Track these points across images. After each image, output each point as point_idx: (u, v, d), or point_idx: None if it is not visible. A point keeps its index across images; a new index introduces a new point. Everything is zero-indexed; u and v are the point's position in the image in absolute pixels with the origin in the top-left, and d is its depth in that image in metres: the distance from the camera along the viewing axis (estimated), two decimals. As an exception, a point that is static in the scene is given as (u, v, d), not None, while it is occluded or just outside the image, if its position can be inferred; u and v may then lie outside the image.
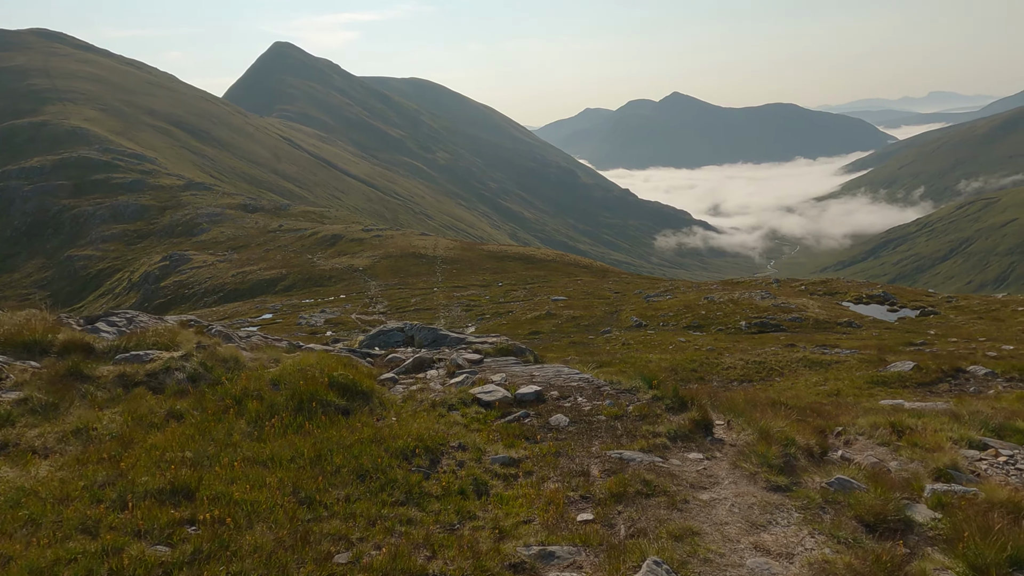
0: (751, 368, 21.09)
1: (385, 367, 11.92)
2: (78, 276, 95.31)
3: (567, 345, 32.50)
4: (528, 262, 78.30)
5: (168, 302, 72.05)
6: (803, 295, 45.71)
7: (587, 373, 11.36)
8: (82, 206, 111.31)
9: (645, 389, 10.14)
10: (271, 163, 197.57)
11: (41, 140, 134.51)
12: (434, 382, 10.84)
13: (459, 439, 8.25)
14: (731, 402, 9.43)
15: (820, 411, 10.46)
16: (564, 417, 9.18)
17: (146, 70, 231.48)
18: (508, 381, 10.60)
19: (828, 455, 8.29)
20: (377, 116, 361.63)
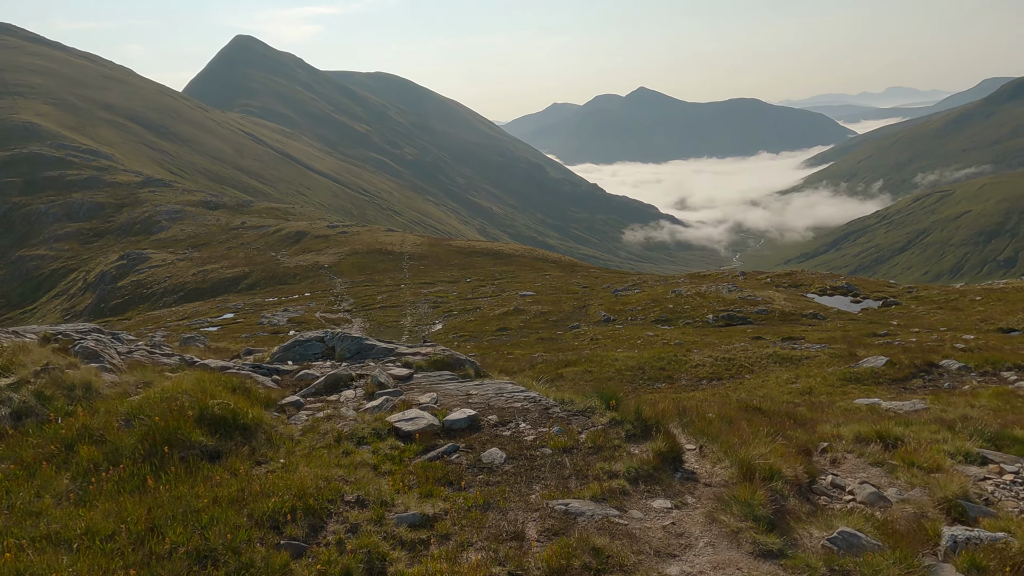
0: (720, 365, 20.62)
1: (293, 387, 10.16)
2: (30, 277, 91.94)
3: (535, 341, 32.18)
4: (497, 258, 77.87)
5: (125, 302, 69.86)
6: (769, 287, 46.14)
7: (534, 391, 9.69)
8: (34, 204, 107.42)
9: (602, 410, 8.66)
10: (233, 159, 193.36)
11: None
12: (347, 406, 9.09)
13: (360, 490, 6.49)
14: (704, 422, 8.22)
15: (798, 417, 9.90)
16: (500, 452, 7.52)
17: (101, 63, 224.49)
18: (438, 403, 9.11)
19: (817, 482, 7.26)
20: (343, 111, 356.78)
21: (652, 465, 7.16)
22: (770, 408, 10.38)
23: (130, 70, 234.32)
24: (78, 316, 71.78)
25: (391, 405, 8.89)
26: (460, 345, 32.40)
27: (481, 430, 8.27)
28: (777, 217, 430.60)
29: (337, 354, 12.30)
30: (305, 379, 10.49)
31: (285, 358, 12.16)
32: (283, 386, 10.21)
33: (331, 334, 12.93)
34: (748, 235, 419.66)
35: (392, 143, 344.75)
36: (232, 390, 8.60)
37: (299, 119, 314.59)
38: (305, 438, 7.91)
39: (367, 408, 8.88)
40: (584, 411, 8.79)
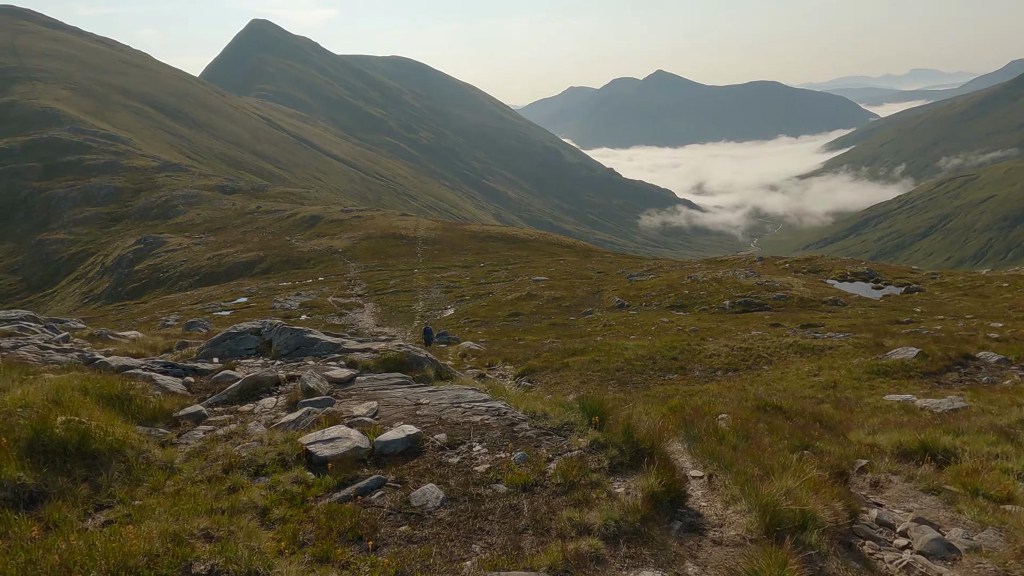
0: (736, 355, 19.49)
1: (204, 392, 8.52)
2: (50, 261, 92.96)
3: (547, 327, 31.77)
4: (511, 242, 77.37)
5: (142, 286, 70.40)
6: (787, 273, 45.28)
7: (500, 400, 7.91)
8: (53, 188, 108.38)
9: (582, 427, 6.79)
10: (250, 143, 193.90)
11: (9, 121, 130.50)
12: (258, 420, 7.36)
13: (223, 553, 4.51)
14: (714, 439, 6.63)
15: (824, 418, 8.96)
16: (438, 490, 5.65)
17: (119, 48, 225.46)
18: (377, 416, 7.40)
19: (860, 520, 5.73)
20: (358, 95, 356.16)
21: (640, 515, 5.22)
22: (792, 407, 9.42)
23: (147, 55, 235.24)
24: (96, 300, 72.51)
25: (312, 420, 7.11)
26: (471, 331, 32.10)
27: (422, 454, 6.45)
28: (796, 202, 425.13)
29: (273, 350, 10.52)
30: (221, 382, 8.76)
31: (212, 354, 10.46)
32: (195, 391, 8.62)
33: (268, 326, 11.08)
34: (766, 220, 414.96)
35: (407, 127, 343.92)
36: (108, 400, 6.93)
37: (315, 103, 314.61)
38: (187, 466, 6.11)
39: (281, 423, 7.13)
40: (559, 429, 6.93)
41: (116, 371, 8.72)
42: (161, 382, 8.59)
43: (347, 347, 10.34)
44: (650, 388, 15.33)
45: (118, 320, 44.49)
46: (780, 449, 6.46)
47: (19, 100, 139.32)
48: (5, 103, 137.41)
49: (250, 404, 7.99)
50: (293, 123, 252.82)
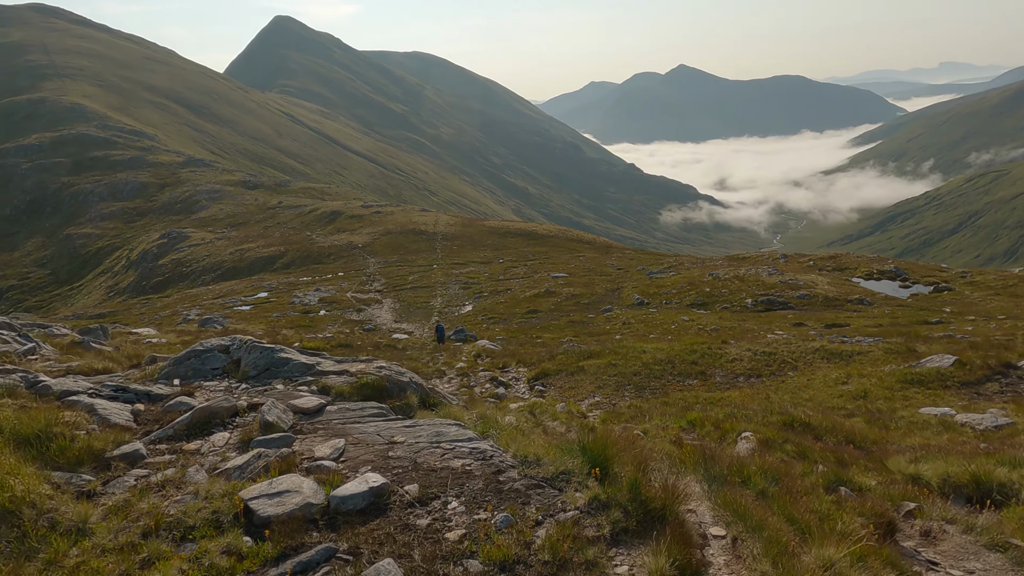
0: (759, 360, 18.68)
1: (151, 424, 7.34)
2: (78, 255, 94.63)
3: (565, 325, 31.51)
4: (530, 238, 77.14)
5: (166, 280, 71.35)
6: (811, 271, 44.48)
7: (487, 441, 6.78)
8: (81, 184, 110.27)
9: (581, 476, 5.78)
10: (272, 139, 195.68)
11: (39, 117, 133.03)
12: (201, 464, 6.21)
13: None
14: (738, 490, 5.59)
15: (858, 438, 8.34)
16: (396, 568, 4.53)
17: (145, 45, 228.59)
18: (343, 458, 6.31)
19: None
20: (380, 91, 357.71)
21: None
22: (821, 424, 8.88)
23: (173, 52, 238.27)
24: (121, 293, 73.65)
25: (262, 465, 5.94)
26: (489, 328, 31.96)
27: (386, 513, 5.30)
28: (820, 198, 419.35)
29: (241, 371, 9.32)
30: (173, 411, 7.56)
31: (174, 375, 9.28)
32: (142, 421, 7.38)
33: (238, 343, 9.85)
34: (789, 216, 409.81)
35: (428, 123, 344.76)
36: (24, 441, 5.93)
37: (337, 99, 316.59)
38: (101, 527, 5.00)
39: (227, 468, 5.94)
40: (554, 479, 5.82)
41: (57, 397, 7.60)
42: (103, 411, 7.23)
43: (322, 368, 9.18)
44: (668, 394, 14.94)
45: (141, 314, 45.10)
46: (813, 487, 5.81)
47: (49, 97, 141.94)
48: (35, 99, 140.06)
49: (198, 441, 6.77)
50: (315, 119, 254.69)
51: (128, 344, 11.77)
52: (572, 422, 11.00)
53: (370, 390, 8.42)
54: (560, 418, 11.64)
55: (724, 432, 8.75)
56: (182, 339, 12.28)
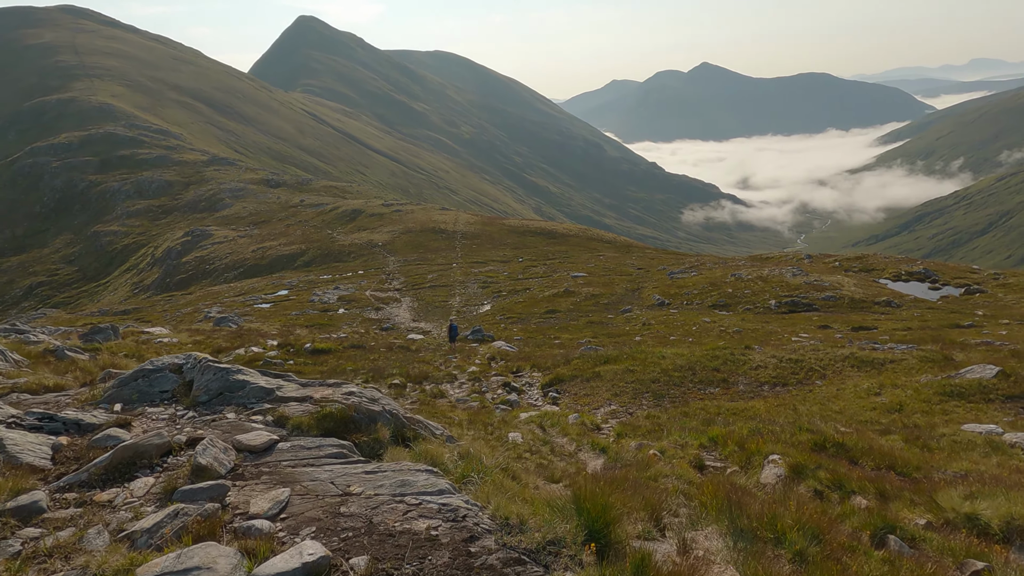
0: (785, 367, 17.84)
1: (70, 463, 6.08)
2: (105, 251, 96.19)
3: (584, 325, 31.14)
4: (550, 237, 76.76)
5: (189, 278, 72.16)
6: (837, 271, 43.56)
7: (460, 495, 5.50)
8: (108, 182, 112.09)
9: (575, 548, 4.64)
10: (295, 138, 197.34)
11: (69, 116, 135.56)
12: (107, 522, 4.99)
13: None
14: (771, 560, 4.65)
15: (898, 463, 7.55)
16: None
17: (172, 46, 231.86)
18: (283, 515, 5.12)
19: None
20: (402, 90, 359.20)
21: None
22: (857, 445, 8.12)
23: (198, 52, 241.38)
24: (146, 290, 74.66)
25: (178, 527, 4.76)
26: (507, 327, 31.71)
27: None
28: (846, 197, 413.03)
29: (193, 394, 8.06)
30: (98, 447, 6.30)
31: (117, 398, 7.95)
32: (61, 459, 6.10)
33: (192, 362, 8.58)
34: (814, 216, 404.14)
35: (450, 122, 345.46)
36: None
37: (359, 98, 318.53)
38: None
39: (133, 531, 4.75)
40: (539, 552, 4.64)
41: None
42: (13, 448, 5.93)
43: (282, 394, 7.99)
44: (688, 404, 14.36)
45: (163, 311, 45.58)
46: (858, 538, 5.01)
47: (78, 97, 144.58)
48: (65, 99, 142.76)
49: (115, 488, 5.47)
50: (337, 118, 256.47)
51: (114, 355, 10.38)
52: (583, 439, 10.52)
53: (333, 422, 7.10)
54: (571, 433, 11.16)
55: (749, 454, 8.13)
56: (194, 339, 12.12)
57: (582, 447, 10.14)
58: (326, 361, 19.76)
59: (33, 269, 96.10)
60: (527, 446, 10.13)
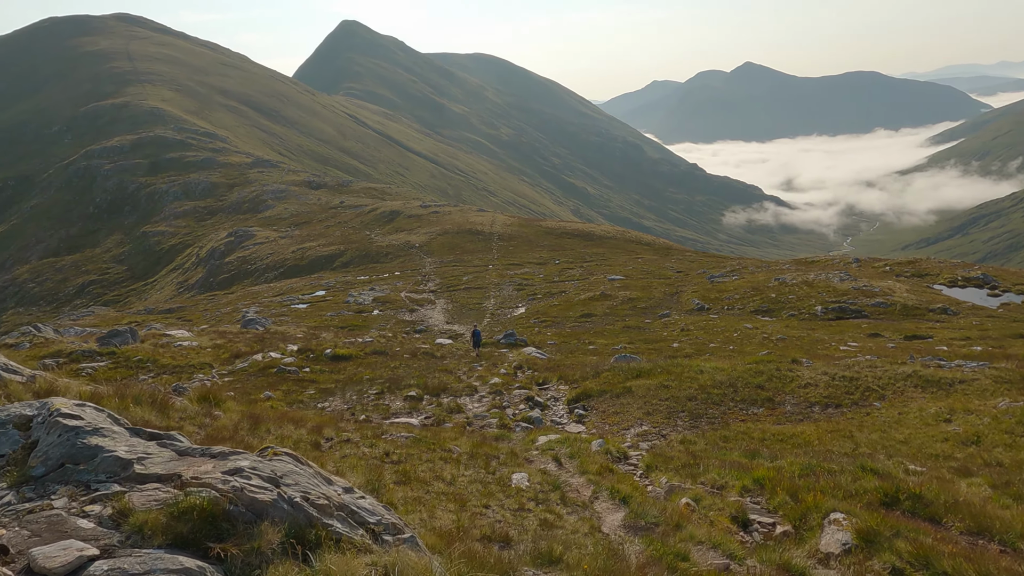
0: (838, 386, 16.01)
1: None
2: (153, 251, 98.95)
3: (620, 330, 30.40)
4: (587, 239, 75.91)
5: (231, 277, 73.57)
6: (887, 276, 41.77)
7: None
8: (157, 184, 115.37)
9: None
10: (337, 140, 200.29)
11: (122, 121, 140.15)
12: None
13: None
14: None
15: (996, 526, 6.04)
16: None
17: (220, 51, 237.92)
18: None
19: None
20: (441, 92, 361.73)
21: None
22: (938, 497, 6.54)
23: (245, 57, 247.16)
24: (190, 289, 76.41)
25: None
26: (540, 331, 31.18)
27: None
28: (895, 199, 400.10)
29: (27, 464, 5.75)
30: None
31: None
32: None
33: (44, 415, 6.30)
34: (861, 218, 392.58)
35: (489, 123, 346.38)
36: None
37: (399, 101, 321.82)
38: None
39: None
40: None
41: None
42: None
43: (143, 469, 5.54)
44: (729, 426, 13.01)
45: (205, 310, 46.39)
46: None
47: (131, 101, 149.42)
48: (119, 104, 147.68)
49: None
50: (378, 120, 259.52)
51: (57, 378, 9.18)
52: (604, 480, 9.01)
53: (193, 523, 4.75)
54: (590, 470, 9.64)
55: (805, 509, 6.71)
56: (215, 342, 11.93)
57: (600, 492, 8.74)
58: (344, 368, 19.28)
59: (86, 268, 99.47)
60: (532, 493, 8.74)
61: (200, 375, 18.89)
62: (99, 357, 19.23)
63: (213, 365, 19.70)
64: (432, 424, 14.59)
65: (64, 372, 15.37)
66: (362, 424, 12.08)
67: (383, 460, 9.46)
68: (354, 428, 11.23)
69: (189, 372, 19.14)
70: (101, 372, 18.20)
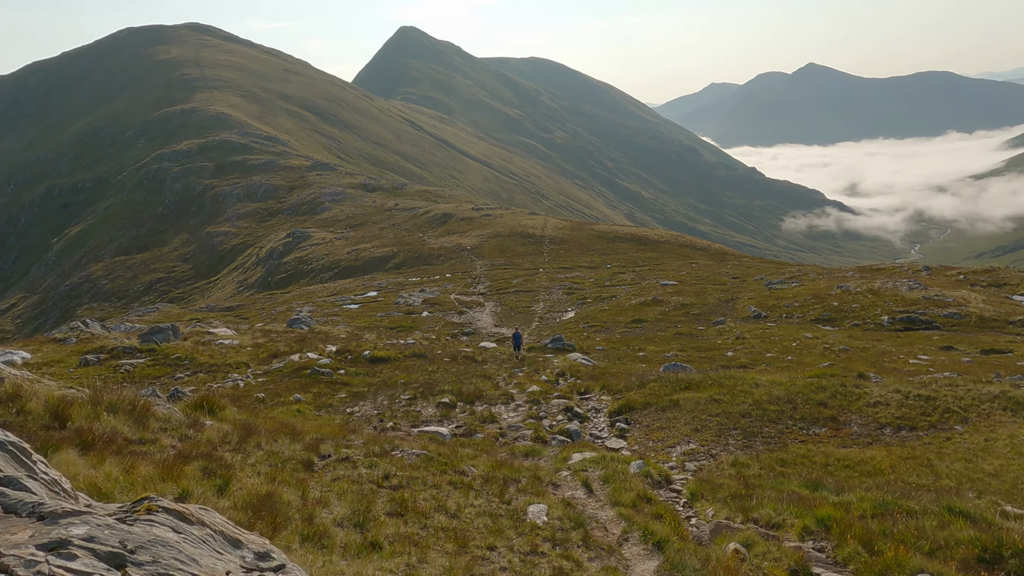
0: (913, 406, 14.51)
1: None
2: (216, 251, 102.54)
3: (672, 337, 29.55)
4: (640, 243, 74.68)
5: (288, 277, 75.45)
6: (961, 286, 39.44)
7: None
8: (221, 186, 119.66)
9: None
10: (393, 144, 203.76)
11: (190, 125, 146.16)
12: None
13: None
14: None
15: None
16: None
17: (283, 58, 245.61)
18: None
19: None
20: (496, 97, 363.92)
21: None
22: None
23: (307, 63, 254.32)
24: (249, 288, 78.73)
25: None
26: (589, 336, 30.61)
27: None
28: (968, 205, 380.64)
29: None
30: None
31: None
32: None
33: None
34: (930, 225, 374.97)
35: (543, 127, 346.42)
36: None
37: (455, 105, 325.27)
38: None
39: None
40: None
41: None
42: None
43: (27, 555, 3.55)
44: (787, 447, 11.83)
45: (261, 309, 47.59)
46: None
47: (199, 107, 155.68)
48: (188, 109, 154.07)
49: None
50: (434, 124, 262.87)
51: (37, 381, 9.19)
52: (637, 517, 7.71)
53: None
54: (624, 500, 8.28)
55: (884, 568, 5.44)
56: (256, 341, 11.81)
57: (631, 532, 7.37)
58: (381, 371, 18.81)
59: (154, 266, 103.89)
60: (550, 531, 7.40)
61: (235, 375, 18.69)
62: (139, 354, 19.43)
63: (249, 365, 19.47)
64: (462, 434, 13.90)
65: (104, 368, 15.74)
66: (375, 437, 10.76)
67: (380, 484, 8.24)
68: (362, 443, 10.02)
69: (224, 371, 18.98)
70: (139, 369, 18.32)
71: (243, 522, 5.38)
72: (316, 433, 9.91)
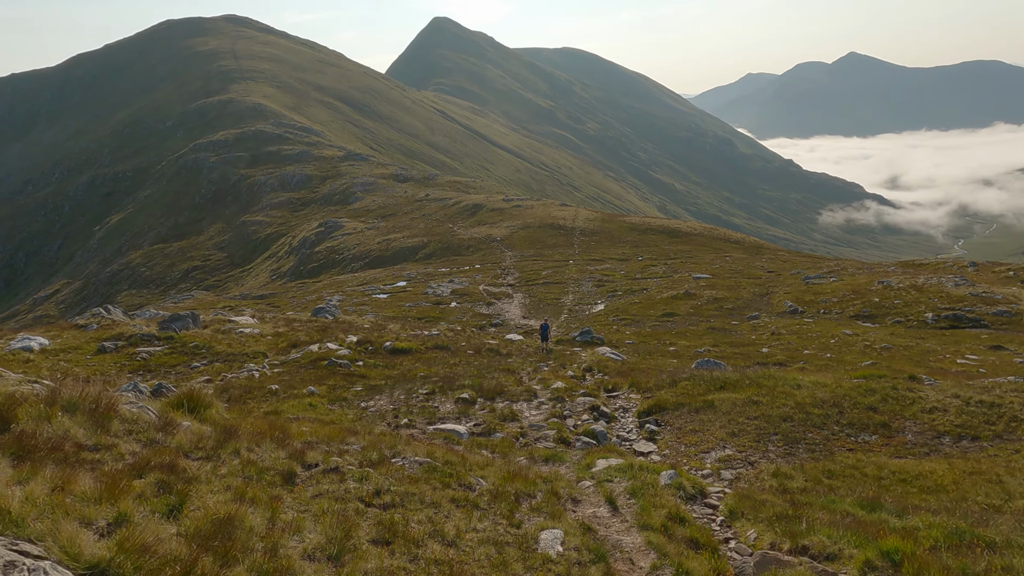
0: (975, 413, 13.38)
1: None
2: (250, 240, 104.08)
3: (704, 331, 28.85)
4: (672, 236, 73.51)
5: (320, 266, 76.13)
6: (1011, 282, 37.84)
7: None
8: (256, 175, 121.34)
9: None
10: (425, 135, 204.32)
11: (227, 116, 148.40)
12: None
13: None
14: None
15: None
16: None
17: (318, 49, 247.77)
18: None
19: None
20: (529, 87, 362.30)
21: None
22: None
23: (341, 54, 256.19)
24: (282, 276, 79.70)
25: None
26: (619, 330, 30.07)
27: None
28: (1016, 199, 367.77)
29: None
30: None
31: None
32: None
33: None
34: (975, 219, 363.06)
35: (575, 118, 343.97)
36: None
37: (487, 96, 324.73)
38: None
39: None
40: None
41: None
42: None
43: None
44: (834, 456, 10.85)
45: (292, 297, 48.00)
46: None
47: (235, 98, 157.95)
48: (224, 100, 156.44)
49: None
50: (466, 115, 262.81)
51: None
52: (669, 546, 6.58)
53: None
54: (653, 523, 7.26)
55: None
56: (277, 330, 11.52)
57: (662, 570, 6.20)
58: (400, 363, 18.26)
59: (190, 254, 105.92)
60: (565, 567, 6.25)
61: (251, 365, 18.34)
62: (157, 341, 19.29)
63: (267, 354, 19.11)
64: (480, 433, 13.20)
65: (120, 355, 15.72)
66: (378, 439, 9.50)
67: (369, 502, 7.04)
68: (360, 447, 8.89)
69: (241, 361, 18.69)
70: (155, 357, 18.14)
71: (183, 556, 4.57)
72: (310, 436, 8.94)
